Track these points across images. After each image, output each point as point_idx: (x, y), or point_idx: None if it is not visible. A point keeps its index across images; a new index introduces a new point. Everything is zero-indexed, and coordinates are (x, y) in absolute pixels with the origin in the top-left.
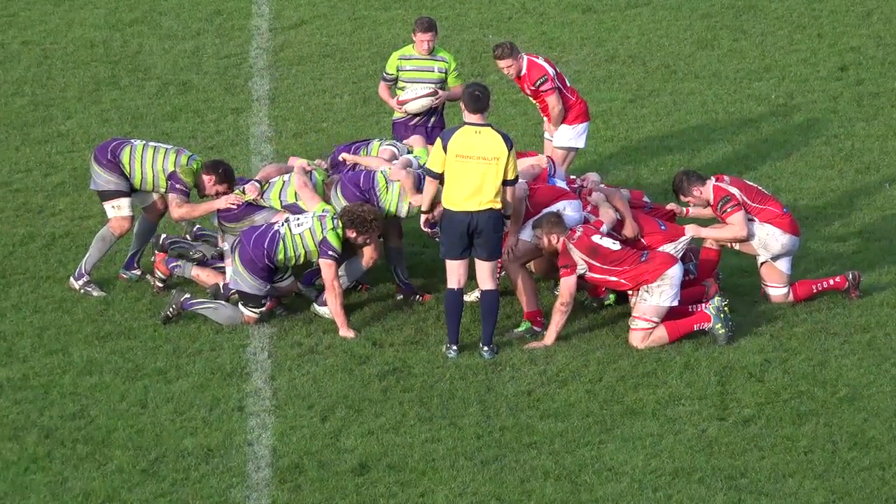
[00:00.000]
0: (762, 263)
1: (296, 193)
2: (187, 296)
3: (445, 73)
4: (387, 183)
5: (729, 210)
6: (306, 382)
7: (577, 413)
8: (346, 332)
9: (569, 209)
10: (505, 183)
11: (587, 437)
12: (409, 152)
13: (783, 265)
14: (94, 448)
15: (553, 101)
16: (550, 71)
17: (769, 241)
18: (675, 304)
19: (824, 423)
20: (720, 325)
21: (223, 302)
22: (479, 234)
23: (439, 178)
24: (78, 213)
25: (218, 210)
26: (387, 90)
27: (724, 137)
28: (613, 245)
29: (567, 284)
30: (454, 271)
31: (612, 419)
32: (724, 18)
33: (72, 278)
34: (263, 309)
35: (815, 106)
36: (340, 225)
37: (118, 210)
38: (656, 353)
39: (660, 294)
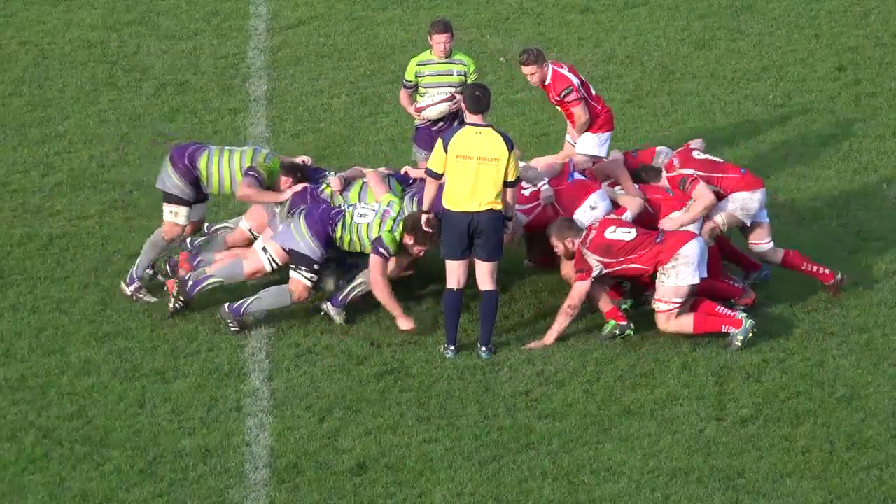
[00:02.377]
0: (750, 227)
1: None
2: (227, 304)
3: (465, 75)
4: None
5: (689, 185)
6: (304, 383)
7: (574, 413)
8: (406, 322)
9: (598, 201)
10: (506, 184)
11: (585, 438)
12: None
13: (763, 217)
14: (92, 448)
15: (579, 112)
16: (575, 81)
17: (747, 204)
18: (696, 281)
19: (822, 423)
20: (742, 337)
21: (265, 290)
22: (479, 234)
23: (440, 178)
24: (76, 214)
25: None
26: (407, 98)
27: (721, 138)
28: (627, 235)
29: (580, 289)
30: (454, 272)
31: (610, 419)
32: (721, 19)
33: (123, 284)
34: (315, 277)
35: (813, 106)
36: (400, 228)
37: (175, 216)
38: (654, 354)
39: (676, 274)
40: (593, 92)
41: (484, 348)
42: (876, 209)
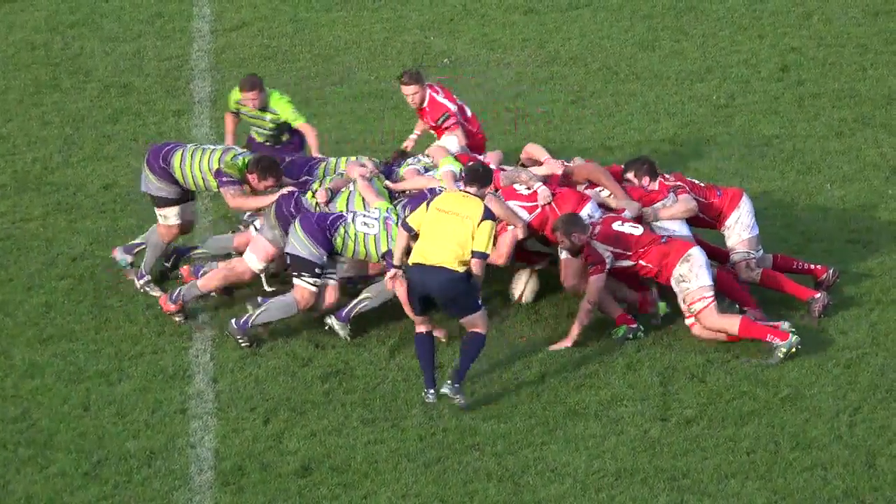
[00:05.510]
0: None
1: (363, 202)
2: (234, 318)
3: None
4: None
5: (677, 192)
6: (249, 385)
7: (519, 414)
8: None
9: (593, 211)
10: (474, 254)
11: (530, 439)
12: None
13: (756, 229)
14: (37, 451)
15: (460, 135)
16: (452, 107)
17: (742, 220)
18: (713, 281)
19: (766, 424)
20: (785, 350)
21: (266, 300)
22: (437, 296)
23: (412, 232)
24: (19, 216)
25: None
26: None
27: (665, 138)
28: (635, 230)
29: (596, 283)
30: (418, 320)
31: (555, 420)
32: (665, 20)
33: (134, 276)
34: (319, 281)
35: (757, 107)
36: None
37: (165, 219)
38: (598, 355)
39: (696, 276)
40: (469, 113)
41: (450, 382)
42: (820, 209)
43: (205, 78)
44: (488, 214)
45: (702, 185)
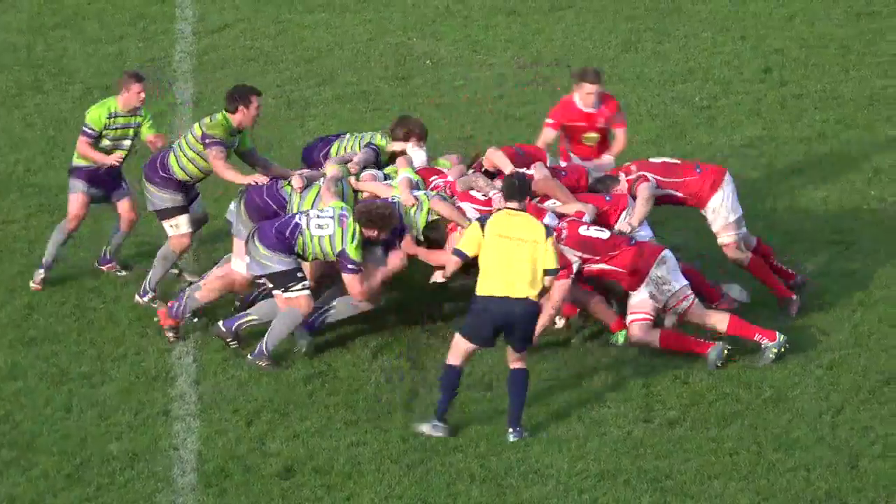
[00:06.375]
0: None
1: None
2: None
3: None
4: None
5: (636, 185)
6: (231, 386)
7: (502, 416)
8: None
9: (550, 221)
10: (546, 272)
11: (513, 440)
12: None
13: (740, 209)
14: (19, 453)
15: (624, 133)
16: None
17: (727, 202)
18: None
19: (749, 425)
20: (776, 350)
21: (275, 318)
22: (512, 328)
23: (467, 259)
24: (1, 218)
25: (247, 190)
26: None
27: (647, 140)
28: (602, 233)
29: (562, 287)
30: (462, 352)
31: (538, 422)
32: (647, 21)
33: (137, 295)
34: (307, 283)
35: (739, 108)
36: (359, 231)
37: (176, 229)
38: (581, 356)
39: (676, 278)
40: None
41: (511, 430)
42: (802, 210)
43: (187, 80)
44: (549, 231)
45: (677, 162)
